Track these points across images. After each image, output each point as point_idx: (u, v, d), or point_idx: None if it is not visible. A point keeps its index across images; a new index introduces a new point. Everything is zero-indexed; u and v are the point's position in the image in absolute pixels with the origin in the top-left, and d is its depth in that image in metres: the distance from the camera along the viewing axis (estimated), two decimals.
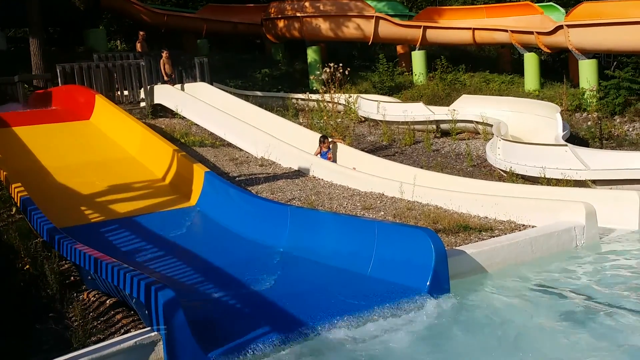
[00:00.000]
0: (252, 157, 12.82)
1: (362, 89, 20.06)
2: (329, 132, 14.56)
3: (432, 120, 15.68)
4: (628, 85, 15.88)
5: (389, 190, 10.17)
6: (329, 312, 5.87)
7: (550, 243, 7.70)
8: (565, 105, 16.49)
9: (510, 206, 8.71)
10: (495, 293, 6.59)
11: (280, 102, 18.80)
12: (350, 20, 21.62)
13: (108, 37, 25.38)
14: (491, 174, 12.34)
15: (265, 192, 10.36)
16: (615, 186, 10.18)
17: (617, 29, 16.10)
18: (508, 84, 19.91)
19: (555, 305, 6.14)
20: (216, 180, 9.74)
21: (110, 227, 8.73)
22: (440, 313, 6.00)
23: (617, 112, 15.88)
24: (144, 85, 16.49)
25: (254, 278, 6.94)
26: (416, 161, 13.32)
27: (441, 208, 9.27)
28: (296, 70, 23.68)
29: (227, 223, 8.87)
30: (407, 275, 6.45)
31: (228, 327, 5.63)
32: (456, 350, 5.35)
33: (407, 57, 22.36)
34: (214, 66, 19.62)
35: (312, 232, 7.67)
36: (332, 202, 9.84)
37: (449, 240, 7.72)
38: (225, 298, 6.44)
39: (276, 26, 23.56)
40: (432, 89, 19.26)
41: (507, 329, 5.73)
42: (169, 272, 7.23)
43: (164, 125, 14.92)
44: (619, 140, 14.63)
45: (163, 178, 10.87)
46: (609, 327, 5.57)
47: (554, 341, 5.43)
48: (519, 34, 19.15)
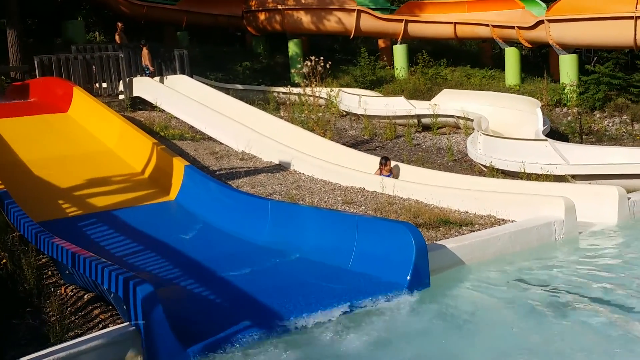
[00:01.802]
0: (233, 151, 12.75)
1: (343, 82, 20.03)
2: (310, 126, 14.52)
3: (413, 114, 15.70)
4: (608, 80, 16.00)
5: (370, 185, 10.17)
6: (310, 306, 5.86)
7: (529, 237, 7.75)
8: (545, 100, 16.59)
9: (491, 201, 8.74)
10: (475, 287, 6.62)
11: (261, 96, 18.70)
12: (332, 13, 21.56)
13: (86, 28, 25.03)
14: (472, 169, 12.39)
15: (246, 186, 10.31)
16: (594, 181, 10.27)
17: (598, 24, 16.21)
18: (489, 78, 19.98)
19: (534, 299, 6.18)
20: (196, 174, 9.67)
21: (89, 221, 8.64)
22: (421, 307, 6.02)
23: (597, 107, 16.01)
24: (123, 77, 16.32)
25: (234, 272, 6.90)
26: (397, 155, 13.33)
27: (422, 202, 9.28)
28: (277, 64, 23.58)
29: (207, 217, 8.81)
30: (388, 269, 6.46)
31: (208, 322, 5.60)
32: (436, 344, 5.37)
33: (389, 51, 22.35)
34: (194, 59, 19.46)
35: (293, 226, 7.65)
36: (313, 196, 9.81)
37: (430, 235, 7.74)
38: (205, 293, 6.40)
39: (257, 19, 23.42)
40: (413, 83, 19.28)
41: (486, 323, 5.76)
42: (148, 266, 7.16)
43: (143, 118, 14.78)
44: (598, 135, 14.76)
45: (142, 172, 10.77)
46: (587, 320, 5.62)
47: (533, 334, 5.47)
48: (500, 29, 19.22)
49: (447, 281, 6.70)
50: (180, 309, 5.89)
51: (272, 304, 5.97)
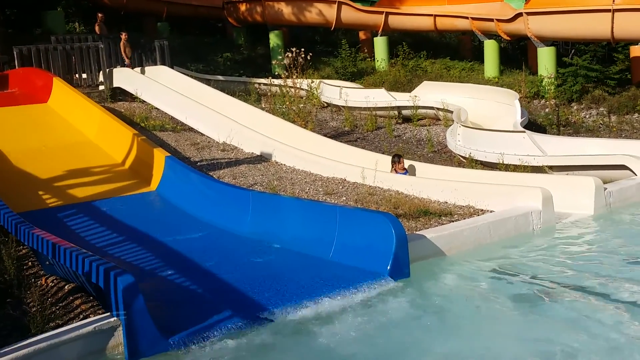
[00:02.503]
0: (214, 142, 12.73)
1: (324, 74, 20.04)
2: (292, 117, 14.53)
3: (393, 106, 15.77)
4: (585, 73, 16.19)
5: (350, 176, 10.23)
6: (291, 296, 5.91)
7: (507, 227, 7.86)
8: (523, 92, 16.75)
9: (470, 191, 8.84)
10: (454, 277, 6.71)
11: (242, 87, 18.66)
12: (313, 5, 21.54)
13: (66, 19, 24.76)
14: (451, 160, 12.50)
15: (227, 177, 10.31)
16: (571, 172, 10.42)
17: (576, 17, 16.38)
18: (468, 70, 20.12)
19: (512, 288, 6.28)
20: (177, 165, 9.65)
21: (69, 211, 8.61)
22: (400, 297, 6.09)
23: (574, 99, 16.20)
24: (103, 68, 16.20)
25: (216, 263, 6.93)
26: (378, 147, 13.40)
27: (402, 193, 9.36)
28: (258, 55, 23.52)
29: (188, 208, 8.81)
30: (368, 259, 6.52)
31: (189, 312, 5.62)
32: (415, 334, 5.44)
33: (369, 43, 22.40)
34: (175, 49, 19.35)
35: (274, 217, 7.68)
36: (295, 187, 9.85)
37: (410, 225, 7.81)
38: (186, 283, 6.42)
39: (238, 10, 23.33)
40: (394, 75, 19.35)
41: (464, 312, 5.84)
42: (129, 257, 7.16)
43: (124, 109, 14.69)
44: (575, 127, 14.94)
45: (122, 162, 10.73)
46: (563, 309, 5.73)
47: (510, 323, 5.56)
48: (479, 21, 19.33)
49: (427, 271, 6.77)
50: (162, 299, 5.91)
51: (252, 295, 6.00)
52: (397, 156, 10.79)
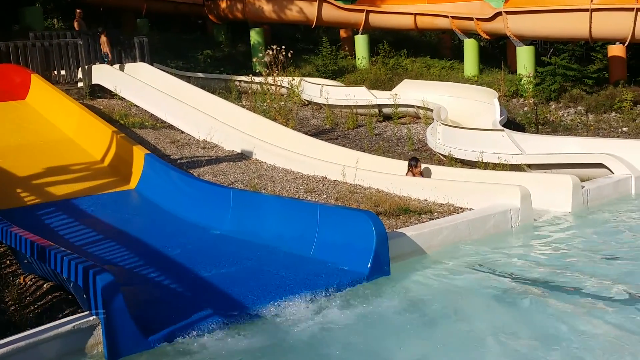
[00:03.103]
0: (194, 140, 12.67)
1: (305, 72, 20.04)
2: (272, 115, 14.51)
3: (374, 104, 15.81)
4: (563, 72, 16.36)
5: (331, 174, 10.25)
6: (271, 294, 5.91)
7: (487, 225, 7.93)
8: (503, 91, 16.89)
9: (449, 189, 8.91)
10: (434, 274, 6.75)
11: (223, 84, 18.60)
12: (293, 2, 21.52)
13: (44, 15, 24.45)
14: (431, 158, 12.57)
15: (208, 175, 10.28)
16: (549, 170, 10.53)
17: (554, 16, 16.55)
18: (448, 69, 20.24)
19: (491, 285, 6.34)
20: (157, 162, 9.60)
21: (47, 209, 8.53)
22: (380, 295, 6.12)
23: (553, 98, 16.37)
24: (82, 65, 16.04)
25: (196, 261, 6.91)
26: (359, 145, 13.44)
27: (382, 191, 9.40)
28: (239, 52, 23.45)
29: (168, 206, 8.78)
30: (349, 257, 6.54)
31: (169, 311, 5.60)
32: (395, 331, 5.47)
33: (350, 41, 22.43)
34: (155, 46, 19.23)
35: (254, 215, 7.68)
36: (275, 185, 9.85)
37: (390, 223, 7.85)
38: (166, 282, 6.40)
39: (218, 7, 23.23)
40: (374, 73, 19.40)
41: (445, 310, 5.88)
42: (108, 255, 7.11)
43: (103, 106, 14.57)
44: (554, 125, 15.10)
45: (102, 160, 10.65)
46: (541, 306, 5.79)
47: (489, 320, 5.61)
48: (459, 20, 19.46)
49: (407, 268, 6.81)
50: (141, 298, 5.88)
51: (233, 293, 6.00)
52: (415, 159, 10.25)
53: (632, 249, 7.21)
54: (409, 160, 10.31)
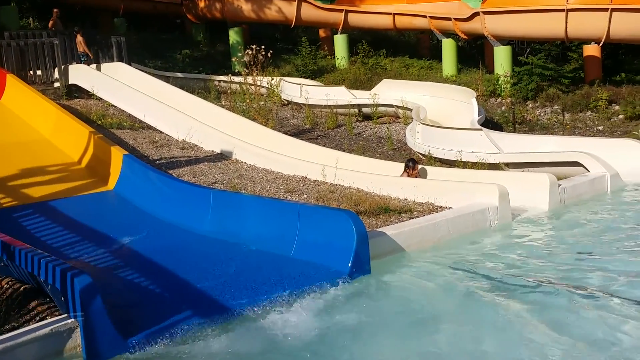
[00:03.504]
0: (173, 140, 12.60)
1: (285, 72, 20.02)
2: (252, 115, 14.47)
3: (354, 104, 15.86)
4: (540, 71, 16.54)
5: (311, 173, 10.26)
6: (251, 294, 5.90)
7: (465, 223, 7.99)
8: (480, 91, 17.03)
9: (429, 188, 8.96)
10: (414, 273, 6.79)
11: (202, 84, 18.51)
12: (272, 2, 21.49)
13: (20, 14, 24.13)
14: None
15: (187, 175, 10.23)
16: (527, 169, 10.63)
17: (531, 17, 16.72)
18: (427, 69, 20.35)
19: (470, 283, 6.38)
20: (135, 163, 9.53)
21: (24, 212, 8.42)
22: (361, 294, 6.14)
23: (530, 98, 16.54)
24: (58, 64, 15.85)
25: (175, 262, 6.86)
26: (338, 144, 13.46)
27: (363, 191, 9.43)
28: (218, 52, 23.35)
29: (147, 207, 8.71)
30: (330, 256, 6.55)
31: (148, 313, 5.56)
32: (375, 330, 5.49)
33: (330, 40, 22.45)
34: (132, 46, 19.08)
35: (235, 215, 7.65)
36: (255, 185, 9.83)
37: (370, 222, 7.87)
38: (145, 283, 6.35)
39: (197, 6, 23.11)
40: (354, 73, 19.45)
41: (424, 308, 5.92)
42: (86, 258, 7.05)
43: (80, 107, 14.42)
44: (531, 124, 15.26)
45: (79, 161, 10.54)
46: (519, 303, 5.85)
47: (468, 318, 5.65)
48: (437, 20, 19.57)
49: (387, 267, 6.84)
50: (120, 300, 5.83)
51: (213, 293, 5.97)
52: (412, 161, 10.19)
53: (607, 246, 7.31)
54: (406, 162, 10.21)
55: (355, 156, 11.47)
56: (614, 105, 15.55)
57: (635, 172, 10.24)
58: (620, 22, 15.78)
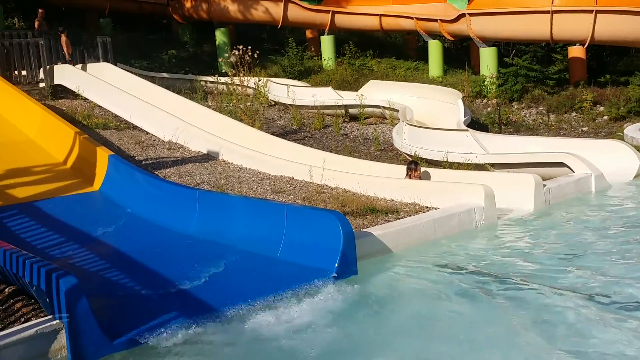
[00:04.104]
0: (159, 141, 12.55)
1: (271, 72, 20.01)
2: (239, 116, 14.45)
3: (340, 104, 15.88)
4: (525, 72, 16.64)
5: (298, 174, 10.26)
6: (238, 295, 5.89)
7: (451, 224, 8.03)
8: (466, 92, 17.11)
9: (415, 189, 8.99)
10: (400, 273, 6.82)
11: (188, 85, 18.45)
12: (259, 2, 21.47)
13: (5, 14, 23.94)
14: (397, 158, 12.66)
15: (173, 176, 10.19)
16: (512, 169, 10.69)
17: (516, 18, 16.82)
18: (413, 70, 20.42)
19: (457, 283, 6.42)
20: (121, 163, 9.49)
21: (8, 212, 8.35)
22: (348, 294, 6.15)
23: (515, 99, 16.64)
24: (44, 65, 15.76)
25: (162, 263, 6.84)
26: (325, 145, 13.47)
27: (349, 191, 9.45)
28: (204, 52, 23.29)
29: (133, 208, 8.68)
30: (316, 257, 6.55)
31: (134, 313, 5.55)
32: (362, 331, 5.50)
33: (316, 41, 22.47)
34: (118, 46, 18.97)
35: (221, 216, 7.64)
36: (242, 185, 9.81)
37: (357, 223, 7.89)
38: (131, 284, 6.33)
39: (183, 6, 23.03)
40: (340, 73, 19.47)
41: (411, 308, 5.95)
42: (72, 259, 7.01)
43: (65, 107, 14.33)
44: (516, 125, 15.35)
45: (64, 162, 10.48)
46: (504, 302, 5.89)
47: (454, 318, 5.68)
48: (423, 22, 19.64)
49: (374, 268, 6.86)
50: (106, 301, 5.81)
51: (200, 294, 5.96)
52: (414, 163, 10.01)
53: (591, 247, 7.37)
54: (408, 164, 10.08)
55: (342, 157, 11.48)
56: (599, 106, 15.69)
57: (620, 173, 10.34)
58: (604, 24, 15.93)
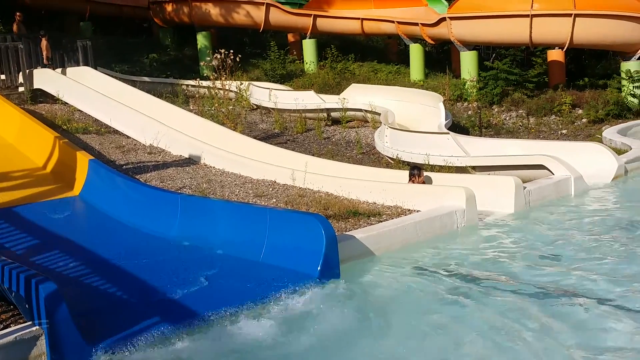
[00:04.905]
0: (140, 145, 12.48)
1: (253, 76, 20.00)
2: (221, 119, 14.42)
3: (323, 108, 15.91)
4: (505, 76, 16.81)
5: (281, 178, 10.25)
6: (220, 300, 5.86)
7: (433, 226, 8.06)
8: (447, 95, 17.23)
9: (397, 192, 9.02)
10: (383, 276, 6.83)
11: (170, 89, 18.36)
12: (240, 6, 21.45)
13: None
14: (379, 161, 12.70)
15: (155, 180, 10.14)
16: (493, 172, 10.78)
17: (496, 22, 16.99)
18: (395, 74, 20.52)
19: (439, 286, 6.44)
20: (101, 168, 9.42)
21: None
22: (331, 298, 6.14)
23: (495, 102, 16.79)
24: (23, 69, 15.59)
25: (142, 268, 6.79)
26: (308, 149, 13.48)
27: (332, 194, 9.45)
28: (186, 56, 23.21)
29: (114, 213, 8.61)
30: (299, 261, 6.55)
31: (115, 319, 5.50)
32: (345, 333, 5.50)
33: (298, 45, 22.50)
34: (98, 50, 18.84)
35: (203, 220, 7.61)
36: (224, 189, 9.79)
37: (339, 226, 7.90)
38: (112, 290, 6.27)
39: (164, 10, 22.94)
40: (322, 77, 19.51)
41: (394, 311, 5.95)
42: (52, 264, 6.93)
43: (45, 111, 14.20)
44: (496, 128, 15.48)
45: (44, 166, 10.38)
46: (487, 304, 5.92)
47: (437, 321, 5.70)
48: (404, 25, 19.76)
49: (357, 271, 6.86)
50: (86, 307, 5.75)
51: (181, 300, 5.93)
52: (417, 168, 9.85)
53: (571, 247, 7.45)
54: (411, 169, 9.90)
55: (324, 160, 11.49)
56: (578, 109, 15.88)
57: (599, 175, 10.47)
58: (583, 28, 16.14)
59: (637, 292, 5.90)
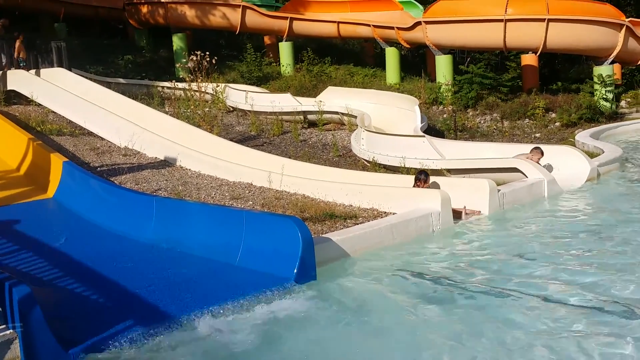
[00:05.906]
0: (115, 147, 12.38)
1: (230, 78, 19.95)
2: (197, 122, 14.36)
3: (299, 111, 15.93)
4: (480, 80, 16.99)
5: (257, 180, 10.25)
6: (196, 303, 5.85)
7: (409, 228, 8.12)
8: (423, 99, 17.37)
9: (373, 194, 9.07)
10: (359, 278, 6.86)
11: (145, 90, 18.24)
12: (216, 8, 21.40)
13: None
14: (356, 164, 12.75)
15: (130, 182, 10.07)
16: (467, 174, 10.88)
17: (470, 26, 17.17)
18: (371, 77, 20.63)
19: (414, 287, 6.50)
20: (75, 170, 9.34)
21: None
22: (307, 300, 6.16)
23: (470, 106, 16.96)
24: None
25: (118, 271, 6.75)
26: (284, 151, 13.49)
27: (308, 197, 9.48)
28: (161, 58, 23.08)
29: (88, 215, 8.54)
30: (275, 263, 6.56)
31: (90, 323, 5.46)
32: (321, 336, 5.52)
33: (275, 47, 22.50)
34: (73, 51, 18.66)
35: (179, 223, 7.58)
36: (200, 192, 9.75)
37: (316, 228, 7.92)
38: (86, 293, 6.23)
39: (139, 11, 22.79)
40: (299, 80, 19.54)
41: (370, 313, 5.98)
42: (25, 267, 6.85)
43: (18, 113, 14.02)
44: (471, 131, 15.64)
45: (17, 168, 10.26)
46: (462, 305, 5.98)
47: (413, 322, 5.74)
48: (380, 29, 19.87)
49: (333, 273, 6.89)
50: (61, 310, 5.71)
51: (157, 302, 5.91)
52: (425, 174, 9.45)
53: (544, 249, 7.55)
54: (418, 174, 9.53)
55: (300, 163, 11.51)
56: (551, 113, 16.11)
57: (572, 178, 10.61)
58: (556, 32, 16.38)
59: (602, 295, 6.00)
